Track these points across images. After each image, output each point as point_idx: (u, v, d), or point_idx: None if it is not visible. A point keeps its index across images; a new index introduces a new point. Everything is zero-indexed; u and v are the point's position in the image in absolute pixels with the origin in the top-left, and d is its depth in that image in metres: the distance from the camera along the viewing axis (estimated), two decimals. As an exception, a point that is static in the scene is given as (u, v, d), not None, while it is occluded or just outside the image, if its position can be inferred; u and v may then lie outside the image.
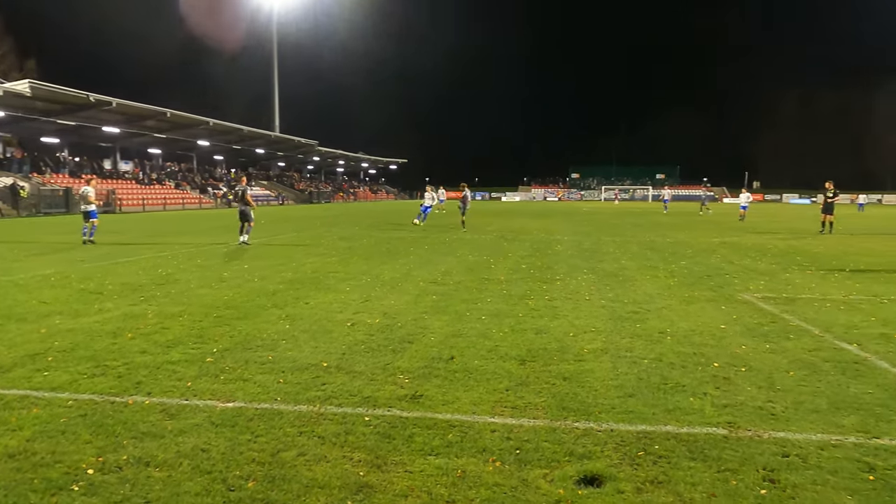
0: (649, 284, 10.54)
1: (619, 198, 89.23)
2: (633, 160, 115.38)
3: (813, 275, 11.84)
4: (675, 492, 3.38)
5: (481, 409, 4.62)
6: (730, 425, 4.31)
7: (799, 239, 20.57)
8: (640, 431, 4.20)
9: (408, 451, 3.88)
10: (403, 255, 14.86)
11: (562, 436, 4.13)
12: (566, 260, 14.14)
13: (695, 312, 8.17)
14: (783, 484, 3.46)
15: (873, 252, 16.31)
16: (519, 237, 20.89)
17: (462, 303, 8.73)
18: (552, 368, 5.63)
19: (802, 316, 7.96)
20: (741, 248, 17.25)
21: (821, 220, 24.23)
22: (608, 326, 7.32)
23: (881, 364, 5.80)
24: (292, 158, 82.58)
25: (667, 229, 25.53)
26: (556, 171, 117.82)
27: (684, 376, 5.41)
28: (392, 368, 5.60)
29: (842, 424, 4.33)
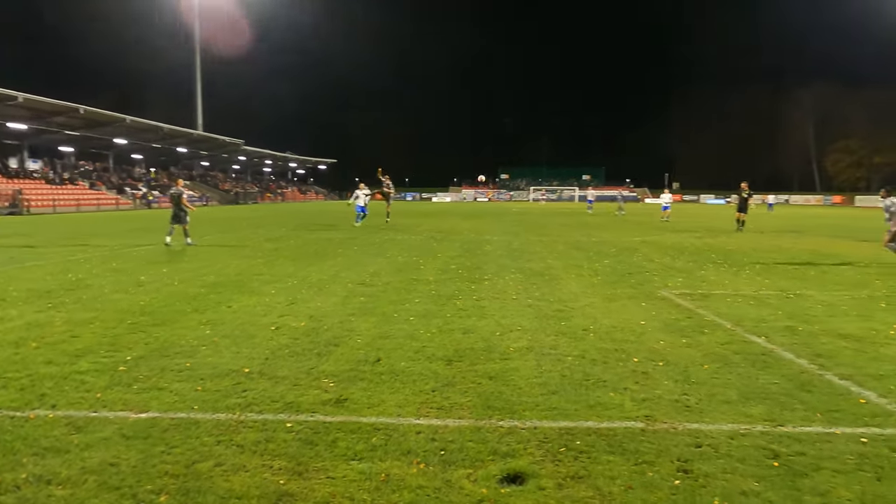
0: (574, 283, 10.79)
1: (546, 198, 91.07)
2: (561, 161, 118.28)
3: (726, 271, 12.42)
4: (594, 486, 3.45)
5: (407, 410, 4.59)
6: (647, 419, 4.45)
7: (714, 237, 21.56)
8: (562, 428, 4.28)
9: (330, 456, 3.81)
10: (332, 257, 14.65)
11: (486, 435, 4.15)
12: (495, 260, 14.29)
13: (617, 309, 8.41)
14: (696, 473, 3.59)
15: (781, 249, 17.30)
16: (449, 237, 20.98)
17: (390, 304, 8.67)
18: (478, 368, 5.66)
19: (716, 311, 8.33)
20: (661, 246, 17.93)
21: (735, 218, 25.65)
22: (534, 325, 7.43)
23: (786, 355, 6.14)
24: (217, 158, 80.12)
25: (592, 229, 26.25)
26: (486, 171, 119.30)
27: (606, 372, 5.55)
28: (317, 372, 5.49)
29: (750, 414, 4.55)
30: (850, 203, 79.79)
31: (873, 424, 4.36)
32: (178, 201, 17.42)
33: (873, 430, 4.25)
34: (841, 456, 3.84)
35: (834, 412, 4.59)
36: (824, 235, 23.12)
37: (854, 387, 5.17)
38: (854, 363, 5.86)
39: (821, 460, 3.77)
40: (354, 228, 25.08)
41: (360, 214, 26.76)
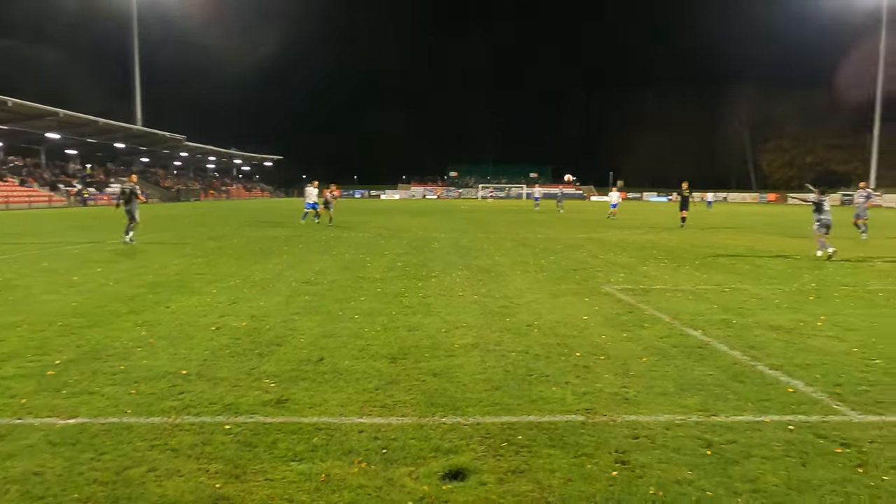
0: (520, 279, 10.91)
1: (493, 196, 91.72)
2: (509, 159, 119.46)
3: (667, 267, 12.77)
4: (534, 480, 3.48)
5: (349, 409, 4.54)
6: (588, 412, 4.53)
7: (656, 234, 22.15)
8: (504, 423, 4.31)
9: (270, 458, 3.73)
10: (277, 255, 14.39)
11: (429, 432, 4.15)
12: (442, 257, 14.31)
13: (561, 305, 8.54)
14: (633, 464, 3.67)
15: (718, 245, 17.90)
16: (397, 235, 20.90)
17: (335, 302, 8.58)
18: (423, 365, 5.65)
19: (656, 305, 8.55)
20: (605, 243, 18.30)
21: (680, 216, 26.54)
22: (479, 321, 7.47)
23: (721, 347, 6.35)
24: (157, 154, 77.59)
25: (538, 226, 26.60)
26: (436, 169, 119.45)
27: (549, 367, 5.62)
28: (257, 373, 5.38)
29: (686, 405, 4.68)
30: (783, 201, 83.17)
31: (800, 412, 4.55)
32: (129, 197, 17.26)
33: (800, 418, 4.43)
34: (770, 443, 3.99)
35: (764, 401, 4.77)
36: (759, 232, 24.04)
37: (783, 376, 5.39)
38: (784, 354, 6.10)
39: (751, 448, 3.91)
40: (301, 226, 24.71)
41: (307, 212, 26.49)
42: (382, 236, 20.28)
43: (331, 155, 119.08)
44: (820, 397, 4.86)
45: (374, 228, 24.25)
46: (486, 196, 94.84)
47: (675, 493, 3.32)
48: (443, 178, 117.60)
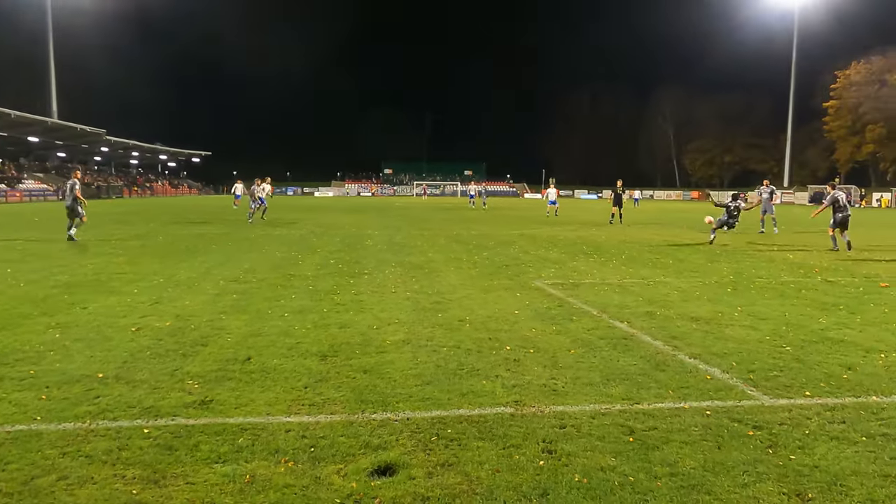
0: (453, 275, 10.96)
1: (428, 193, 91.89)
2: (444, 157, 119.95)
3: (595, 262, 13.12)
4: (463, 472, 3.50)
5: (277, 409, 4.44)
6: (517, 404, 4.59)
7: (586, 230, 22.72)
8: (434, 417, 4.31)
9: (191, 461, 3.60)
10: (203, 253, 13.94)
11: (359, 429, 4.11)
12: (375, 254, 14.22)
13: (492, 300, 8.63)
14: (559, 453, 3.75)
15: (644, 241, 18.52)
16: (329, 232, 20.63)
17: (264, 301, 8.38)
18: (354, 362, 5.59)
19: (584, 299, 8.77)
20: (537, 239, 18.63)
21: (611, 212, 27.59)
22: (411, 317, 7.46)
23: (645, 338, 6.57)
24: (75, 149, 73.76)
25: (472, 223, 26.81)
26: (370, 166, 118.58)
27: (479, 361, 5.67)
28: (181, 374, 5.19)
29: (611, 394, 4.81)
30: (705, 198, 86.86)
31: (717, 398, 4.75)
32: (71, 192, 17.29)
33: (716, 403, 4.63)
34: (688, 428, 4.15)
35: (684, 388, 4.96)
36: (682, 227, 25.02)
37: (702, 365, 5.62)
38: (703, 343, 6.37)
39: (671, 433, 4.06)
40: (229, 223, 24.04)
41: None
42: (315, 234, 19.97)
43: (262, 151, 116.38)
44: (735, 383, 5.10)
45: (305, 226, 23.85)
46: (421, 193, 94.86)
47: (598, 480, 3.41)
48: (378, 176, 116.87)
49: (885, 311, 8.05)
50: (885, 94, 75.21)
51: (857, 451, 3.81)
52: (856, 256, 14.51)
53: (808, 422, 4.27)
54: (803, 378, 5.23)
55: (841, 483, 3.39)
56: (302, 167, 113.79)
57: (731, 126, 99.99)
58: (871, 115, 77.32)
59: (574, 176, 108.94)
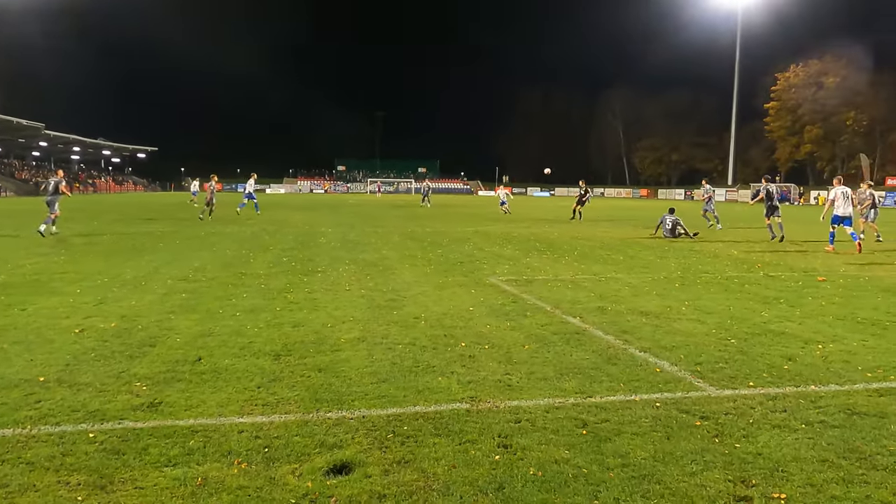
0: (408, 272, 10.95)
1: (382, 190, 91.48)
2: (398, 154, 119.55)
3: (548, 258, 13.30)
4: (419, 469, 3.51)
5: (229, 409, 4.36)
6: (472, 399, 4.62)
7: (539, 227, 23.00)
8: (390, 415, 4.31)
9: (140, 465, 3.50)
10: (151, 252, 13.55)
11: (314, 428, 4.06)
12: (329, 252, 14.08)
13: (447, 297, 8.65)
14: (514, 447, 3.79)
15: (594, 237, 18.88)
16: (282, 230, 20.33)
17: (215, 300, 8.21)
18: (308, 361, 5.53)
19: (538, 295, 8.88)
20: (491, 236, 18.77)
21: (573, 209, 28.50)
22: (366, 315, 7.42)
23: (597, 333, 6.70)
24: (12, 143, 70.75)
25: (426, 220, 26.82)
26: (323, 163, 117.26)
27: (435, 358, 5.68)
28: (127, 376, 5.03)
29: (564, 388, 4.89)
30: (654, 196, 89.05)
31: (666, 390, 4.88)
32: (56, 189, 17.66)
33: (666, 395, 4.76)
34: (639, 420, 4.25)
35: (634, 381, 5.08)
36: (632, 225, 25.59)
37: (651, 358, 5.76)
38: (652, 337, 6.53)
39: (622, 425, 4.16)
40: (178, 221, 23.44)
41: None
42: (266, 231, 19.65)
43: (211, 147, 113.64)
44: (683, 375, 5.25)
45: (257, 223, 23.43)
46: (375, 191, 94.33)
47: (553, 472, 3.46)
48: (331, 173, 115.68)
49: (822, 304, 8.41)
50: (821, 97, 78.53)
51: (797, 438, 3.97)
52: (794, 251, 15.10)
53: (752, 411, 4.43)
54: (747, 369, 5.42)
55: (782, 469, 3.53)
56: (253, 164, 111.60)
57: (677, 125, 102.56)
58: (808, 116, 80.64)
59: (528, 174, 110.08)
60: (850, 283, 10.32)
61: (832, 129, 79.09)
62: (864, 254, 14.74)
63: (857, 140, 77.93)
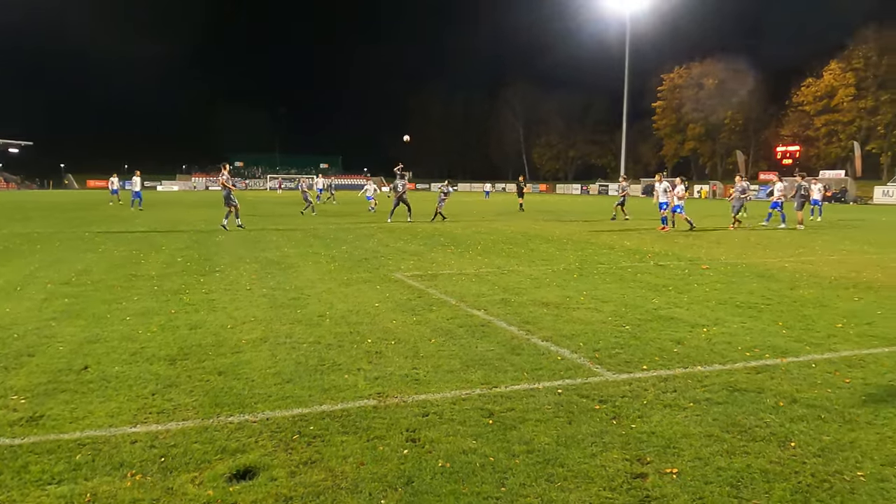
0: (311, 270, 10.73)
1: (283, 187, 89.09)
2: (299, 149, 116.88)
3: (453, 253, 13.44)
4: (327, 468, 3.45)
5: (120, 419, 4.10)
6: (379, 395, 4.59)
7: (442, 222, 23.17)
8: (296, 415, 4.21)
9: (19, 484, 3.23)
10: (26, 255, 12.51)
11: (214, 433, 3.90)
12: (228, 250, 13.56)
13: (353, 294, 8.56)
14: (422, 441, 3.81)
15: (497, 231, 19.27)
16: (176, 228, 19.36)
17: (103, 304, 7.70)
18: (207, 364, 5.30)
19: (443, 289, 8.96)
20: (396, 232, 18.73)
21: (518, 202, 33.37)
22: (268, 315, 7.20)
23: (501, 324, 6.84)
24: None
25: (329, 216, 26.39)
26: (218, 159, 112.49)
27: (341, 355, 5.60)
28: (2, 389, 4.63)
29: (470, 380, 4.97)
30: (552, 191, 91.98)
31: (567, 377, 5.07)
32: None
33: (567, 382, 4.94)
34: (542, 407, 4.39)
35: (538, 370, 5.23)
36: (531, 219, 26.33)
37: (553, 346, 5.96)
38: (553, 326, 6.76)
39: (526, 413, 4.27)
40: (58, 221, 21.77)
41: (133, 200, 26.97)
42: (158, 230, 18.64)
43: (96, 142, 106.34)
44: (583, 362, 5.46)
45: (149, 222, 22.17)
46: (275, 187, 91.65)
47: (461, 463, 3.51)
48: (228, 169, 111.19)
49: (707, 290, 9.01)
50: (702, 97, 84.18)
51: (686, 415, 4.24)
52: (682, 242, 16.10)
53: (646, 393, 4.68)
54: (640, 353, 5.72)
55: (674, 445, 3.76)
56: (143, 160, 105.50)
57: (573, 123, 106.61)
58: (691, 115, 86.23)
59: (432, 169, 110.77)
60: (729, 270, 11.12)
61: (712, 128, 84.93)
62: (741, 242, 15.97)
63: (733, 138, 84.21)
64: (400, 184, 23.62)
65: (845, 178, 55.91)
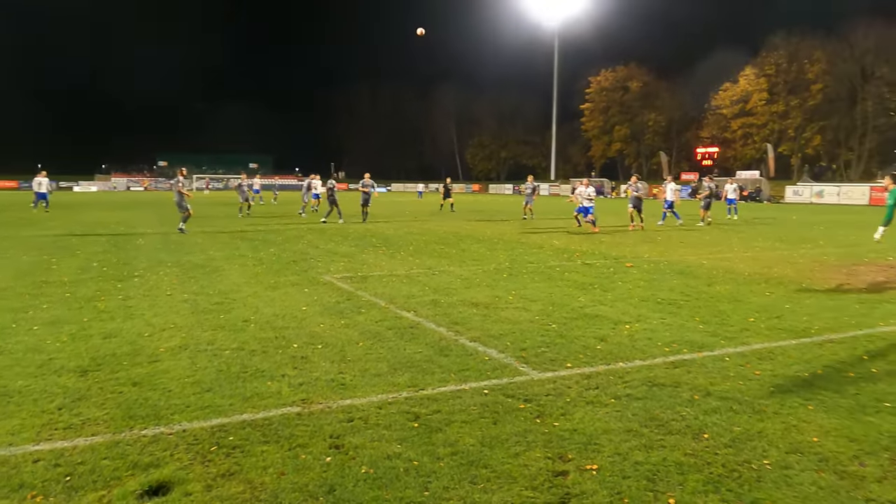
0: (237, 274, 10.43)
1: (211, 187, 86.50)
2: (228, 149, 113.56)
3: (384, 254, 13.36)
4: (245, 480, 3.34)
5: (22, 437, 3.86)
6: (304, 402, 4.50)
7: (374, 223, 23.00)
8: (214, 426, 4.06)
9: None
10: (-77, 261, 11.62)
11: (126, 448, 3.72)
12: (149, 254, 13.01)
13: (279, 297, 8.37)
14: (346, 447, 3.75)
15: (429, 232, 19.29)
16: (94, 231, 18.44)
17: (8, 313, 7.23)
18: (121, 375, 5.05)
19: (373, 291, 8.88)
20: (326, 233, 18.47)
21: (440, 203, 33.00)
22: (190, 321, 6.95)
23: (430, 325, 6.84)
24: None
25: (258, 218, 25.75)
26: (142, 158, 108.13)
27: (265, 361, 5.46)
28: None
29: (397, 383, 4.93)
30: (485, 191, 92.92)
31: (493, 377, 5.11)
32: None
33: (493, 382, 4.98)
34: (468, 408, 4.40)
35: (465, 371, 5.25)
36: (464, 219, 26.50)
37: (481, 347, 6.00)
38: (482, 327, 6.80)
39: (452, 414, 4.28)
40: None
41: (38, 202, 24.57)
42: (74, 234, 17.71)
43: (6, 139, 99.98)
44: (509, 362, 5.52)
45: (63, 225, 21.03)
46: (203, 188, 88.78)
47: (385, 468, 3.47)
48: (151, 169, 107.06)
49: (630, 288, 9.30)
50: (627, 100, 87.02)
51: (607, 412, 4.35)
52: (608, 241, 16.57)
53: (569, 390, 4.77)
54: (565, 351, 5.84)
55: (594, 441, 3.84)
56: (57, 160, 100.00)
57: (505, 123, 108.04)
58: (617, 117, 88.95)
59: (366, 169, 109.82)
60: (652, 267, 11.51)
61: (637, 129, 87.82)
62: (664, 241, 16.58)
63: (657, 139, 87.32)
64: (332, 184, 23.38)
65: (760, 179, 58.88)
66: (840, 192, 50.05)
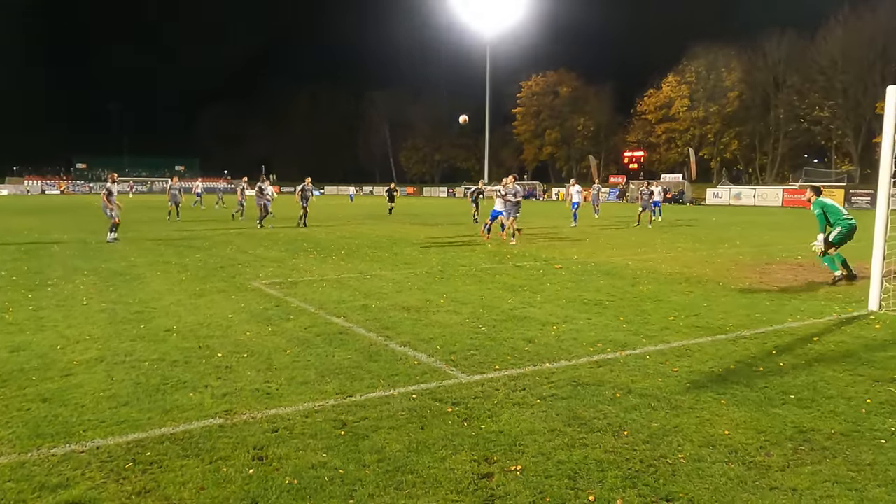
0: (159, 281, 10.05)
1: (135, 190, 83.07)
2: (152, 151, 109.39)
3: (315, 259, 13.18)
4: (163, 497, 3.23)
5: (-85, 462, 3.59)
6: (227, 413, 4.38)
7: (308, 227, 22.65)
8: (131, 441, 3.90)
9: None
10: None
11: (32, 469, 3.52)
12: (64, 261, 12.37)
13: (204, 305, 8.12)
14: (270, 458, 3.67)
15: (362, 235, 19.16)
16: (1, 240, 17.36)
17: None
18: (29, 391, 4.78)
19: (303, 297, 8.74)
20: (255, 237, 18.05)
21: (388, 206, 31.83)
22: (107, 332, 6.65)
23: (360, 331, 6.79)
24: None
25: (185, 222, 24.89)
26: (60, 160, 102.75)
27: (187, 372, 5.29)
28: None
29: (325, 390, 4.87)
30: (419, 193, 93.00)
31: (422, 381, 5.12)
32: None
33: (422, 386, 4.99)
34: (396, 414, 4.39)
35: (394, 376, 5.24)
36: (398, 222, 26.45)
37: (411, 351, 6.00)
38: (412, 331, 6.81)
39: (380, 421, 4.26)
40: None
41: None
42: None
43: None
44: (439, 365, 5.55)
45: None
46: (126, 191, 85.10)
47: (310, 478, 3.42)
48: (68, 172, 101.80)
49: (558, 289, 9.51)
50: (558, 104, 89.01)
51: (533, 412, 4.43)
52: (539, 243, 16.88)
53: (497, 392, 4.84)
54: (494, 354, 5.91)
55: (519, 442, 3.91)
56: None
57: (439, 127, 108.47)
58: (548, 121, 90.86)
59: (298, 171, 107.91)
60: (580, 269, 11.81)
61: (567, 133, 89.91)
62: (591, 242, 17.04)
63: (586, 143, 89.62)
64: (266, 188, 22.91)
65: (682, 182, 61.37)
66: (756, 194, 52.87)
